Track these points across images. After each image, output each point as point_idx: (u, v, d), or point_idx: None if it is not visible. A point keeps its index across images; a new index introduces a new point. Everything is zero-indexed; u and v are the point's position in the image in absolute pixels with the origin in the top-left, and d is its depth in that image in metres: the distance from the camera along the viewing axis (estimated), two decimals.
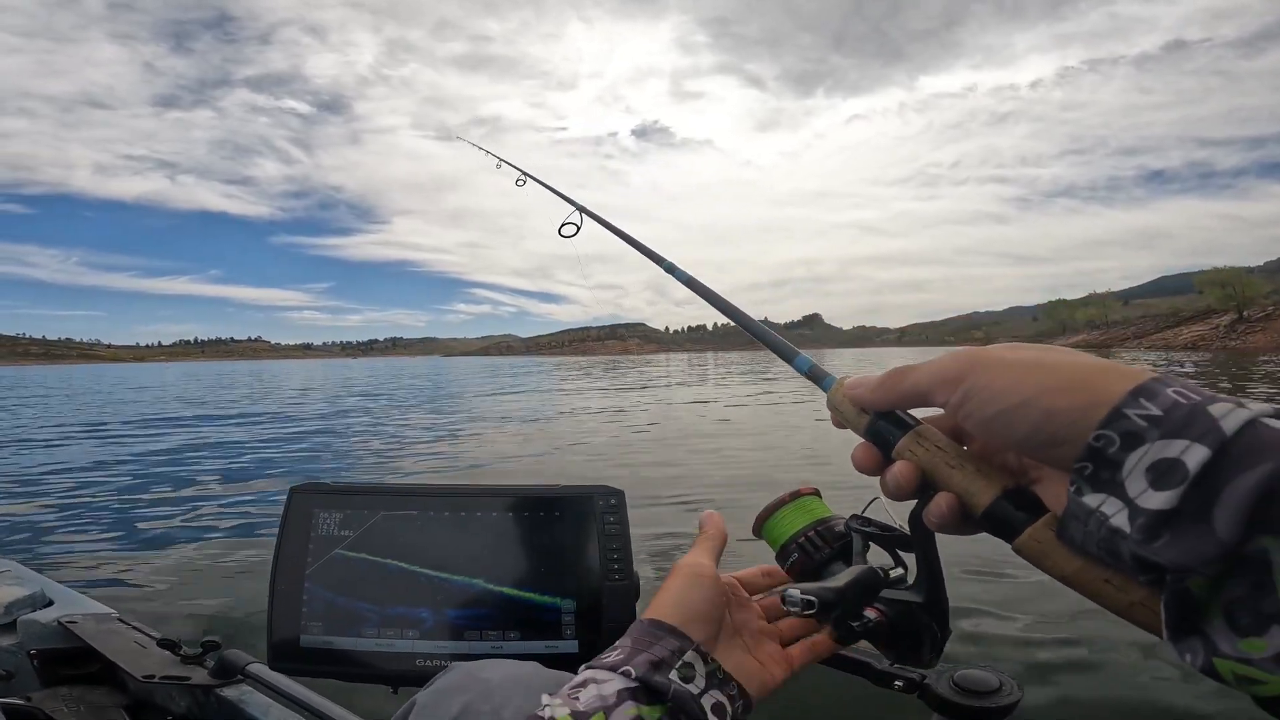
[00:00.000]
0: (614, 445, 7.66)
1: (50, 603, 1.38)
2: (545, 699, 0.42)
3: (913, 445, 0.38)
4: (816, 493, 0.58)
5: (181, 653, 1.20)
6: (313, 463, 7.10)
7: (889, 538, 0.49)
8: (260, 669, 1.12)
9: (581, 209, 1.01)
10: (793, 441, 7.48)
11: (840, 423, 0.42)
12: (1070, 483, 0.29)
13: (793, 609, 0.43)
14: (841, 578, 0.46)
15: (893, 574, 0.48)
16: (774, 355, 0.51)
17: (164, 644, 1.22)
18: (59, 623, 1.29)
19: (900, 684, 0.65)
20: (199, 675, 1.15)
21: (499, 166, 1.36)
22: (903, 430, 0.38)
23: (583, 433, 8.88)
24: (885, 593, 0.47)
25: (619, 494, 0.79)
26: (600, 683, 0.42)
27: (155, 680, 1.14)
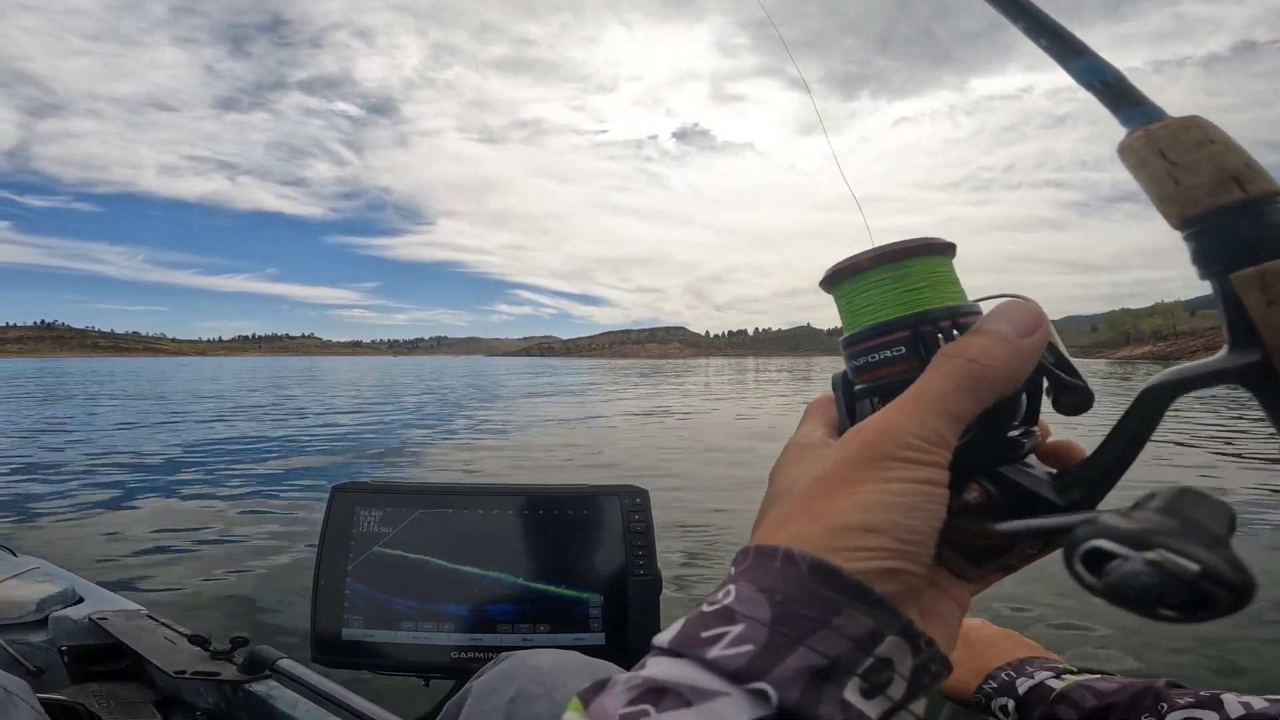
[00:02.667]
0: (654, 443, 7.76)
1: (80, 600, 1.41)
2: None
3: None
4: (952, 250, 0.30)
5: (211, 649, 1.23)
6: (348, 459, 7.14)
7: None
8: (289, 664, 1.15)
9: None
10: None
11: None
12: None
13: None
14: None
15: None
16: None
17: (194, 640, 1.24)
18: (90, 619, 1.31)
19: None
20: (228, 671, 1.17)
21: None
22: None
23: (616, 432, 9.04)
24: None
25: (644, 493, 0.82)
26: (690, 702, 0.20)
27: (185, 676, 1.17)
